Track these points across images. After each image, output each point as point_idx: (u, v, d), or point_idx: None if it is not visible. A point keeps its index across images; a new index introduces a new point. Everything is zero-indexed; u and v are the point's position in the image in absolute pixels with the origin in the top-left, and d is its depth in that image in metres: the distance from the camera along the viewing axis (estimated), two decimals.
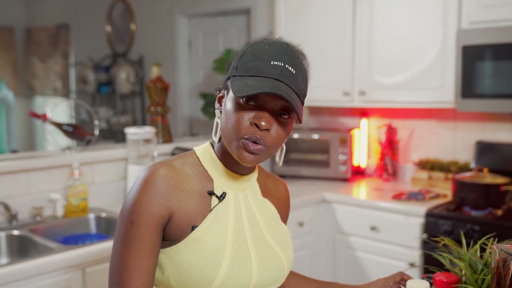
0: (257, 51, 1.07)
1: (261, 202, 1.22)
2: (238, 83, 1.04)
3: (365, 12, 3.16)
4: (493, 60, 2.70)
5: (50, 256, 1.98)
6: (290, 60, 1.06)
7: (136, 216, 1.06)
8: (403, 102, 3.10)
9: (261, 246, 1.16)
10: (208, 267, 1.06)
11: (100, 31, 5.66)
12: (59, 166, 2.61)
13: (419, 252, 2.69)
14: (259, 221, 1.19)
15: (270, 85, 1.01)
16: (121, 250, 1.06)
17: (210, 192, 1.13)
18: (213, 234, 1.09)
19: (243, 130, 1.05)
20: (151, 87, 3.10)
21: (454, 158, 3.22)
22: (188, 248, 1.07)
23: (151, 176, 1.08)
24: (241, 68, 1.06)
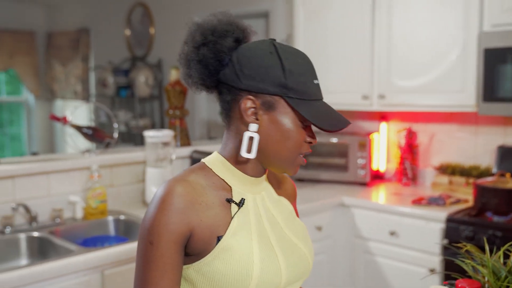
0: (299, 68, 1.11)
1: (277, 201, 1.23)
2: (310, 110, 1.09)
3: (384, 15, 3.13)
4: None
5: (70, 258, 2.00)
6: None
7: (155, 236, 1.05)
8: (423, 106, 3.06)
9: (284, 244, 1.16)
10: (241, 274, 1.06)
11: (120, 35, 5.71)
12: (79, 169, 2.63)
13: (439, 258, 2.65)
14: (278, 220, 1.19)
15: (338, 116, 1.13)
16: (143, 270, 1.06)
17: (228, 200, 1.12)
18: (239, 241, 1.09)
19: (304, 149, 1.14)
20: (169, 90, 3.11)
21: (475, 163, 3.17)
22: (218, 258, 1.07)
23: (168, 195, 1.07)
24: (294, 89, 1.09)
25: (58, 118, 2.68)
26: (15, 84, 6.94)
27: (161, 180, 2.80)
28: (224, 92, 1.14)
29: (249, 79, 1.10)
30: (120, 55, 5.68)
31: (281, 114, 1.10)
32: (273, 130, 1.10)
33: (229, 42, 1.14)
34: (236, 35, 1.17)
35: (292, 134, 1.10)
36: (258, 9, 4.27)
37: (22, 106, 7.02)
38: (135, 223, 2.57)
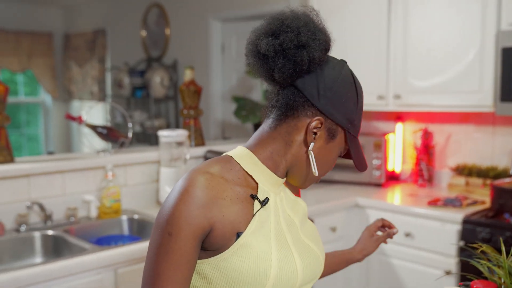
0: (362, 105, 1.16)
1: (293, 202, 1.23)
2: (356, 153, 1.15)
3: (400, 15, 3.10)
4: None
5: (83, 256, 2.00)
6: None
7: (175, 227, 1.01)
8: (440, 106, 3.02)
9: (299, 245, 1.16)
10: (258, 272, 1.04)
11: (136, 36, 5.74)
12: (93, 168, 2.65)
13: (455, 260, 2.61)
14: (295, 221, 1.19)
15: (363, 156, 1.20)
16: (156, 261, 1.02)
17: (253, 196, 1.10)
18: (258, 239, 1.07)
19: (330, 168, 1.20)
20: (184, 90, 3.11)
21: (493, 164, 3.12)
22: (236, 255, 1.04)
23: (191, 186, 1.03)
24: (356, 126, 1.15)
25: (73, 118, 2.70)
26: (33, 85, 7.02)
27: (175, 180, 2.80)
28: (293, 97, 1.10)
29: (328, 103, 1.09)
30: (136, 56, 5.72)
31: (337, 144, 1.14)
32: (321, 155, 1.14)
33: (322, 53, 1.10)
34: (327, 46, 1.12)
35: (331, 159, 1.16)
36: (273, 9, 4.24)
37: (40, 107, 7.10)
38: (148, 223, 2.57)
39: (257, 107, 3.52)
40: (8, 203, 2.38)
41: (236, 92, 4.63)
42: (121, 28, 6.03)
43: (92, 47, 6.46)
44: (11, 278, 1.80)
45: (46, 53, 6.85)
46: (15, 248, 2.28)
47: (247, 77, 4.50)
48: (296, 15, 1.12)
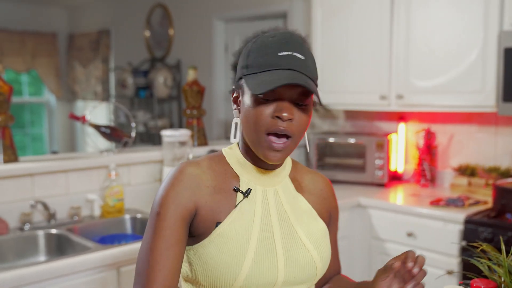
0: (262, 45, 1.08)
1: (293, 198, 1.21)
2: (253, 81, 1.06)
3: (403, 15, 3.11)
4: None
5: (86, 254, 2.02)
6: (296, 47, 1.07)
7: (163, 207, 1.09)
8: (442, 106, 3.03)
9: (290, 242, 1.15)
10: (231, 263, 1.08)
11: (139, 36, 5.76)
12: (97, 167, 2.66)
13: (457, 259, 2.62)
14: (290, 216, 1.17)
15: (286, 75, 1.03)
16: (149, 240, 1.09)
17: (235, 189, 1.14)
18: (237, 230, 1.11)
19: (265, 125, 1.07)
20: (187, 90, 3.13)
21: (495, 164, 3.12)
22: (213, 243, 1.10)
23: (179, 173, 1.12)
24: (251, 65, 1.08)
25: (77, 117, 2.71)
26: (37, 85, 7.05)
27: None
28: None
29: (235, 71, 1.17)
30: (140, 56, 5.74)
31: (244, 94, 1.11)
32: (242, 113, 1.12)
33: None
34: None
35: (251, 111, 1.08)
36: (276, 9, 4.27)
37: (44, 106, 7.12)
38: None
39: None
40: (12, 202, 2.40)
41: None
42: (125, 29, 6.05)
43: (96, 47, 6.49)
44: (16, 276, 1.82)
45: (50, 53, 6.87)
46: (19, 246, 2.30)
47: None
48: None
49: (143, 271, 1.08)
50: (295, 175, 1.26)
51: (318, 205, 1.26)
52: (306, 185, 1.26)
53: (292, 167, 1.27)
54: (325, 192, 1.29)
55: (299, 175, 1.27)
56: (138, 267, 1.10)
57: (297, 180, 1.25)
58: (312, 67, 1.09)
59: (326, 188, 1.30)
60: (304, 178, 1.27)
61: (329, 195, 1.30)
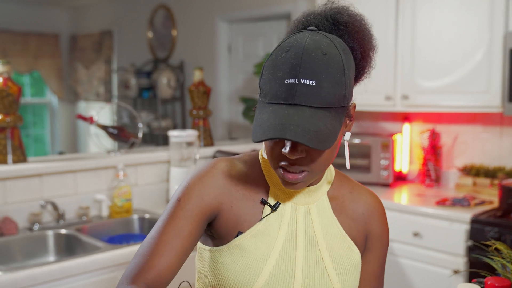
0: (273, 65, 0.94)
1: (328, 220, 1.10)
2: (256, 119, 0.95)
3: (408, 16, 3.12)
4: None
5: (97, 254, 2.03)
6: (307, 69, 0.91)
7: (185, 196, 1.04)
8: (447, 107, 3.04)
9: (313, 268, 1.06)
10: (243, 278, 1.02)
11: (142, 37, 5.78)
12: (105, 168, 2.67)
13: (464, 259, 2.63)
14: (319, 241, 1.07)
15: (278, 123, 0.89)
16: (162, 224, 1.03)
17: (263, 201, 1.07)
18: (257, 245, 1.03)
19: (276, 160, 0.98)
20: (193, 91, 3.14)
21: (501, 164, 3.14)
22: (229, 253, 1.04)
23: (212, 168, 1.07)
24: (262, 89, 0.96)
25: (85, 118, 2.72)
26: (39, 86, 7.06)
27: None
28: None
29: None
30: (143, 57, 5.75)
31: None
32: None
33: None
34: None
35: (265, 143, 1.00)
36: (280, 10, 4.28)
37: (46, 107, 7.13)
38: None
39: None
40: (21, 202, 2.41)
41: (242, 93, 4.66)
42: (127, 30, 6.07)
43: (99, 48, 6.50)
44: (27, 275, 1.83)
45: (53, 54, 6.88)
46: (28, 246, 2.31)
47: (253, 77, 4.53)
48: None
49: (145, 252, 1.01)
50: (337, 193, 1.13)
51: (355, 231, 1.12)
52: (347, 205, 1.13)
53: (335, 182, 1.14)
54: (367, 216, 1.14)
55: (341, 193, 1.14)
56: (142, 247, 1.03)
57: (337, 199, 1.13)
58: (328, 88, 0.91)
59: (370, 211, 1.15)
60: (347, 197, 1.14)
61: (372, 220, 1.15)
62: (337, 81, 0.93)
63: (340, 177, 1.16)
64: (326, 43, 0.95)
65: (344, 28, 1.03)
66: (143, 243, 1.04)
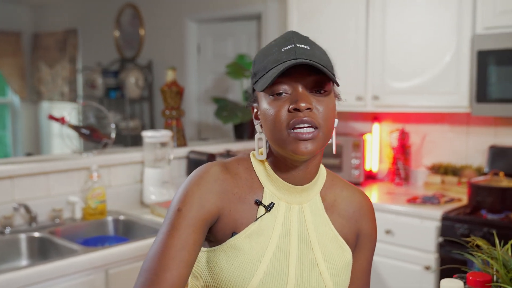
0: (265, 50, 1.06)
1: (321, 219, 1.12)
2: (260, 82, 1.02)
3: (378, 17, 3.18)
4: (507, 65, 2.72)
5: (74, 257, 2.00)
6: (300, 40, 1.03)
7: (186, 205, 1.03)
8: (417, 107, 3.12)
9: (306, 267, 1.07)
10: (238, 278, 1.03)
11: (109, 36, 5.69)
12: (78, 169, 2.63)
13: (435, 255, 2.70)
14: (312, 239, 1.09)
15: (289, 62, 0.98)
16: (165, 237, 1.01)
17: (257, 201, 1.08)
18: (251, 245, 1.05)
19: (286, 121, 0.99)
20: (166, 91, 3.11)
21: (467, 163, 3.23)
22: (224, 253, 1.05)
23: (206, 173, 1.07)
24: (258, 71, 1.04)
25: (56, 119, 2.67)
26: (0, 85, 6.86)
27: (160, 180, 2.80)
28: None
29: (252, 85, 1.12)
30: (109, 56, 5.66)
31: (259, 101, 1.07)
32: (262, 118, 1.06)
33: None
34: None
35: (269, 112, 1.02)
36: (250, 11, 4.29)
37: (7, 108, 6.94)
38: (134, 224, 2.57)
39: (238, 107, 3.55)
40: None
41: (212, 93, 4.65)
42: (93, 28, 5.96)
43: (63, 47, 6.37)
44: (2, 280, 1.78)
45: (15, 53, 6.70)
46: (0, 250, 2.25)
47: (223, 78, 4.53)
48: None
49: (152, 267, 0.99)
50: (329, 192, 1.15)
51: (347, 229, 1.15)
52: (338, 204, 1.15)
53: (326, 181, 1.16)
54: (358, 215, 1.17)
55: (333, 193, 1.16)
56: (148, 262, 1.01)
57: (329, 198, 1.14)
58: (321, 56, 1.02)
59: (360, 210, 1.17)
60: (338, 196, 1.16)
61: (362, 218, 1.17)
62: (326, 54, 1.06)
63: (331, 176, 1.19)
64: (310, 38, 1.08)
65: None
66: (148, 258, 1.02)
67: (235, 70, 3.58)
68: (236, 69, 3.57)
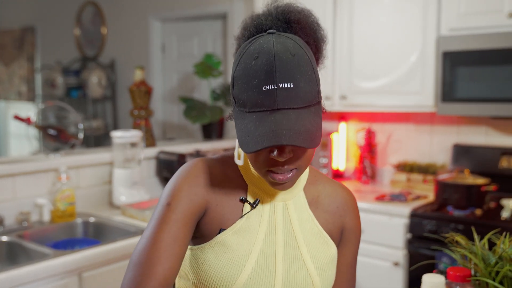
0: (245, 74, 0.95)
1: (306, 215, 1.13)
2: (240, 129, 0.95)
3: (346, 18, 3.23)
4: (471, 66, 2.81)
5: (46, 261, 1.94)
6: (283, 73, 0.92)
7: (174, 199, 1.04)
8: (384, 106, 3.18)
9: (292, 263, 1.09)
10: (227, 274, 1.04)
11: (69, 34, 5.56)
12: (45, 171, 2.56)
13: (403, 251, 2.76)
14: (297, 236, 1.10)
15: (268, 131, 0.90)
16: (155, 231, 1.01)
17: (242, 199, 1.09)
18: (239, 242, 1.06)
19: (264, 165, 0.98)
20: (134, 91, 3.07)
21: (432, 161, 3.32)
22: (212, 249, 1.06)
23: (194, 167, 1.08)
24: (238, 99, 0.97)
25: (22, 119, 2.59)
26: None
27: (130, 181, 2.76)
28: None
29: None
30: (70, 55, 5.53)
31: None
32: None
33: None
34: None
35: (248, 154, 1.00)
36: (215, 10, 4.28)
37: None
38: (105, 225, 2.52)
39: (206, 107, 3.53)
40: None
41: (177, 92, 4.61)
42: (52, 26, 5.81)
43: (20, 45, 6.18)
44: None
45: None
46: None
47: (189, 77, 4.49)
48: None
49: (143, 261, 0.99)
50: (312, 189, 1.16)
51: (331, 225, 1.16)
52: (322, 200, 1.16)
53: (309, 177, 1.16)
54: (341, 210, 1.17)
55: (315, 188, 1.16)
56: (137, 256, 1.00)
57: (312, 194, 1.15)
58: (305, 87, 0.94)
59: (344, 205, 1.18)
60: (321, 192, 1.17)
61: (346, 213, 1.18)
62: (310, 79, 0.96)
63: (314, 173, 1.20)
64: (291, 44, 0.97)
65: (297, 25, 1.05)
66: (137, 252, 1.01)
67: (203, 70, 3.56)
68: (204, 69, 3.55)
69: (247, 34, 1.06)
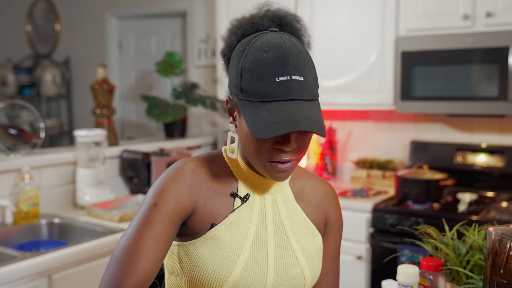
0: (256, 65, 1.00)
1: (292, 208, 1.18)
2: (251, 117, 0.99)
3: (307, 16, 3.28)
4: (428, 65, 2.92)
5: (14, 264, 1.90)
6: (295, 65, 0.99)
7: (161, 199, 1.06)
8: (345, 105, 3.26)
9: (283, 254, 1.13)
10: (221, 267, 1.06)
11: (19, 30, 5.39)
12: (6, 171, 2.49)
13: (366, 245, 2.85)
14: (286, 227, 1.15)
15: (286, 117, 0.96)
16: (139, 230, 1.03)
17: (233, 194, 1.12)
18: (231, 235, 1.09)
19: (267, 156, 1.03)
20: (96, 89, 3.02)
21: (390, 157, 3.43)
22: (205, 244, 1.08)
23: (181, 168, 1.10)
24: (246, 90, 1.00)
25: None
26: None
27: (94, 180, 2.72)
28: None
29: (229, 79, 1.09)
30: (21, 52, 5.37)
31: (241, 117, 1.04)
32: (241, 134, 1.07)
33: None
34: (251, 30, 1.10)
35: (251, 140, 1.03)
36: (175, 8, 4.26)
37: None
38: (70, 226, 2.48)
39: (169, 105, 3.51)
40: None
41: (135, 90, 4.56)
42: (1, 22, 5.61)
43: None
44: None
45: None
46: None
47: (148, 75, 4.46)
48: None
49: (125, 259, 1.01)
50: (297, 183, 1.22)
51: (316, 216, 1.22)
52: (306, 193, 1.22)
53: (294, 173, 1.21)
54: (325, 202, 1.23)
55: (300, 183, 1.22)
56: (120, 253, 1.02)
57: (297, 188, 1.21)
58: (313, 82, 1.02)
59: (327, 197, 1.24)
60: (305, 186, 1.23)
61: (329, 205, 1.24)
62: (314, 75, 1.04)
63: (297, 168, 1.25)
64: (296, 42, 1.05)
65: (290, 28, 1.11)
66: (120, 249, 1.03)
67: (164, 68, 3.54)
68: (166, 67, 3.54)
69: (241, 31, 1.11)
